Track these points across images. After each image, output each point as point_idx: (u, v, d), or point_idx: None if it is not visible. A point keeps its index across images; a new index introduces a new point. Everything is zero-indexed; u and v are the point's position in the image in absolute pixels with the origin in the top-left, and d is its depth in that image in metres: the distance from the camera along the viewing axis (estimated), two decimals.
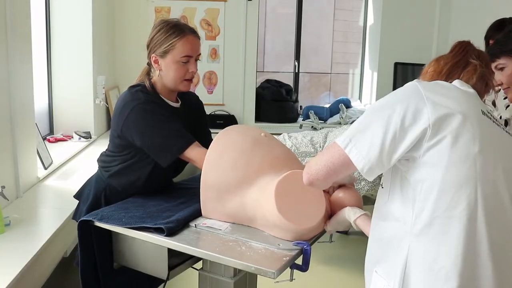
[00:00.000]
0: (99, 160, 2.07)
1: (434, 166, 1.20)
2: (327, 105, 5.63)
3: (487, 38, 2.78)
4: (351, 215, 1.60)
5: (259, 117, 5.34)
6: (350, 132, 1.28)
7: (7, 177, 2.54)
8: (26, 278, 1.99)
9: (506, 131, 1.33)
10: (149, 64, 1.98)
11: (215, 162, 1.72)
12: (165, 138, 1.81)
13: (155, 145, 1.83)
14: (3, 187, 2.24)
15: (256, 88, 5.33)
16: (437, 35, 5.35)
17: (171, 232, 1.62)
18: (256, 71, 5.33)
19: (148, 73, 1.98)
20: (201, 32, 4.98)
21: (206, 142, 1.88)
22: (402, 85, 1.33)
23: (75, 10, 3.95)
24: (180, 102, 2.03)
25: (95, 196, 1.99)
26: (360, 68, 5.94)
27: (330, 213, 1.70)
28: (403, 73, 5.25)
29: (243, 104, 5.23)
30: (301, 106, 5.61)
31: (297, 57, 5.74)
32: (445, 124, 1.20)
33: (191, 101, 2.10)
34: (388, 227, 1.32)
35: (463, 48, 1.44)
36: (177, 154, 1.82)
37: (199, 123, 2.09)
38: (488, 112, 1.30)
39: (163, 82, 1.95)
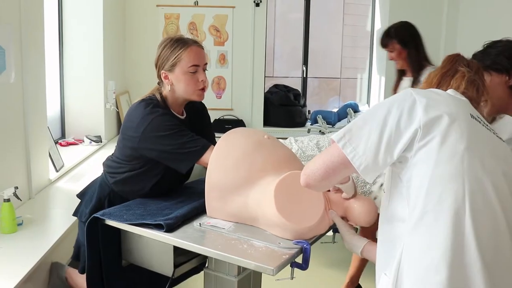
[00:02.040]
0: (104, 165, 2.12)
1: (424, 164, 1.26)
2: (335, 110, 5.66)
3: None
4: (357, 245, 1.62)
5: (267, 122, 5.38)
6: (346, 128, 1.34)
7: (20, 179, 2.63)
8: (36, 275, 2.06)
9: (497, 135, 1.38)
10: (159, 83, 2.04)
11: (219, 163, 1.78)
12: (182, 146, 1.87)
13: (174, 154, 1.88)
14: (16, 188, 2.31)
15: (264, 93, 5.39)
16: (444, 39, 5.37)
17: (170, 228, 1.69)
18: (265, 76, 5.39)
19: (158, 89, 2.04)
20: (209, 38, 5.09)
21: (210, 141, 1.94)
22: None
23: (86, 17, 4.05)
24: (185, 115, 2.09)
25: (99, 200, 2.05)
26: (368, 72, 5.97)
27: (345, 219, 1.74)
28: None
29: (251, 109, 5.29)
30: (309, 111, 5.65)
31: (305, 62, 5.79)
32: (435, 125, 1.26)
33: (195, 108, 2.16)
34: (391, 229, 1.37)
35: (452, 59, 1.50)
36: (196, 160, 1.88)
37: (203, 130, 2.15)
38: (478, 117, 1.36)
39: (175, 95, 2.01)
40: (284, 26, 6.79)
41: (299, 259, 1.60)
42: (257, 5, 5.12)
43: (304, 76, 5.82)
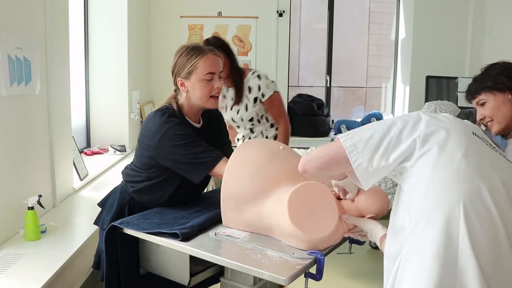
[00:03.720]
0: (124, 173, 2.16)
1: (422, 172, 1.29)
2: (359, 119, 5.63)
3: None
4: (378, 232, 1.62)
5: (291, 132, 5.37)
6: (352, 130, 1.40)
7: (45, 187, 2.69)
8: (58, 282, 2.10)
9: (504, 156, 1.40)
10: (175, 90, 2.07)
11: (234, 173, 1.79)
12: (196, 156, 1.89)
13: (187, 164, 1.91)
14: (40, 196, 2.37)
15: (288, 103, 5.39)
16: (470, 47, 5.30)
17: (185, 237, 1.71)
18: (288, 86, 5.40)
19: (175, 97, 2.07)
20: (233, 48, 5.12)
21: (227, 153, 1.96)
22: (434, 99, 1.45)
23: (111, 29, 4.15)
24: (201, 123, 2.11)
25: (119, 207, 2.08)
26: (392, 81, 5.93)
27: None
28: (435, 86, 5.21)
29: None
30: (332, 120, 5.63)
31: (329, 71, 5.78)
32: (434, 136, 1.31)
33: (211, 116, 2.18)
34: (395, 243, 1.37)
35: None
36: (208, 171, 1.90)
37: (219, 139, 2.17)
38: (483, 137, 1.39)
39: (190, 103, 2.04)
40: (309, 35, 6.81)
41: (313, 270, 1.60)
42: (280, 15, 5.15)
43: (328, 85, 5.81)
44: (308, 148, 3.57)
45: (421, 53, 5.30)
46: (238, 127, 3.15)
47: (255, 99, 3.01)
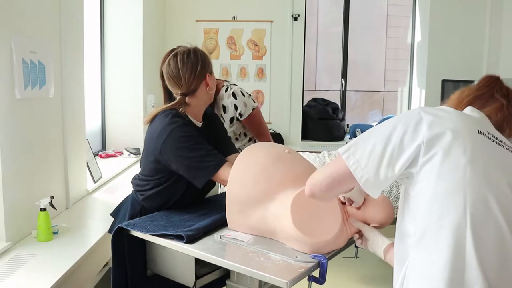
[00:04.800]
0: (133, 184, 2.19)
1: (427, 179, 1.25)
2: (375, 123, 5.61)
3: None
4: (381, 245, 1.61)
5: (305, 135, 5.39)
6: (352, 142, 1.35)
7: (58, 189, 2.74)
8: (68, 283, 2.14)
9: (507, 147, 1.33)
10: (184, 94, 2.06)
11: (239, 177, 1.81)
12: (199, 160, 1.92)
13: (190, 167, 1.93)
14: (52, 197, 2.41)
15: (302, 107, 5.40)
16: (487, 50, 5.23)
17: (190, 239, 1.73)
18: (303, 90, 5.41)
19: (183, 101, 2.07)
20: (248, 52, 5.17)
21: (229, 149, 2.02)
22: None
23: (127, 33, 4.21)
24: (202, 122, 2.14)
25: (131, 217, 2.11)
26: (408, 85, 5.89)
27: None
28: (451, 90, 5.15)
29: (289, 123, 5.31)
30: (348, 125, 5.62)
31: (344, 75, 5.77)
32: (438, 141, 1.25)
33: (206, 114, 2.20)
34: (402, 246, 1.36)
35: (490, 82, 1.47)
36: (210, 176, 1.93)
37: (219, 138, 2.20)
38: (489, 133, 1.32)
39: (202, 101, 2.10)
40: (326, 39, 6.81)
41: (316, 273, 1.60)
42: (295, 19, 5.16)
43: (343, 89, 5.80)
44: (320, 152, 3.57)
45: (437, 57, 5.25)
46: None
47: (232, 119, 2.80)
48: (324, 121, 5.34)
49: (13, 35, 2.24)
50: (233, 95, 2.77)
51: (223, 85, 2.81)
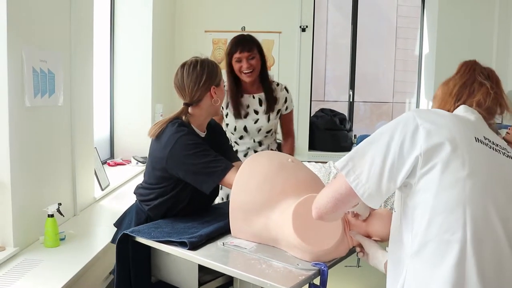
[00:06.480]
0: (136, 194, 2.20)
1: (426, 192, 1.24)
2: None
3: None
4: (381, 259, 1.61)
5: (313, 146, 5.40)
6: (349, 155, 1.33)
7: (65, 196, 2.77)
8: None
9: (508, 155, 1.33)
10: (187, 104, 2.12)
11: (243, 184, 1.83)
12: (206, 166, 1.94)
13: (198, 173, 1.95)
14: (59, 204, 2.45)
15: (310, 117, 5.41)
16: (495, 62, 5.22)
17: (193, 246, 1.75)
18: (311, 100, 5.43)
19: (186, 111, 2.12)
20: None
21: (232, 156, 2.02)
22: None
23: (136, 43, 4.26)
24: (206, 132, 2.17)
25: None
26: (416, 97, 5.89)
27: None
28: None
29: (297, 133, 5.28)
30: (355, 135, 5.63)
31: (352, 86, 5.78)
32: (436, 153, 1.23)
33: (210, 124, 2.23)
34: (398, 249, 1.37)
35: (470, 67, 1.48)
36: (217, 181, 1.95)
37: (222, 146, 2.23)
38: (486, 138, 1.31)
39: (206, 112, 2.12)
40: (335, 50, 6.83)
41: (317, 281, 1.62)
42: (303, 30, 5.20)
43: (351, 100, 5.81)
44: (326, 162, 3.58)
45: (445, 68, 5.19)
46: (241, 137, 2.94)
47: (278, 111, 2.94)
48: (331, 132, 5.36)
49: (24, 45, 2.29)
50: (286, 89, 2.97)
51: (273, 81, 2.98)
